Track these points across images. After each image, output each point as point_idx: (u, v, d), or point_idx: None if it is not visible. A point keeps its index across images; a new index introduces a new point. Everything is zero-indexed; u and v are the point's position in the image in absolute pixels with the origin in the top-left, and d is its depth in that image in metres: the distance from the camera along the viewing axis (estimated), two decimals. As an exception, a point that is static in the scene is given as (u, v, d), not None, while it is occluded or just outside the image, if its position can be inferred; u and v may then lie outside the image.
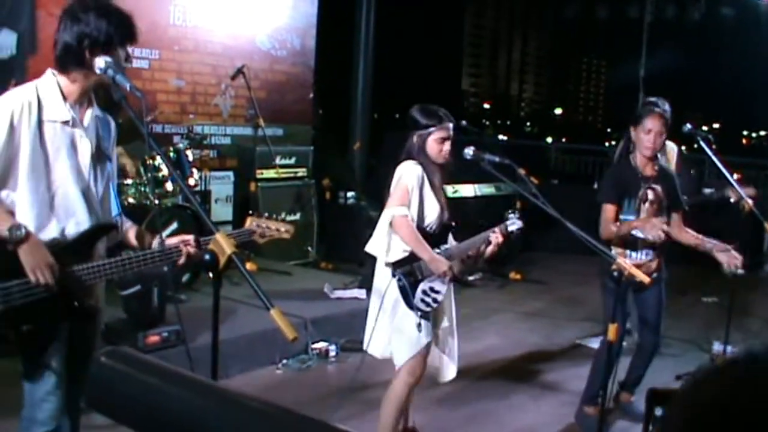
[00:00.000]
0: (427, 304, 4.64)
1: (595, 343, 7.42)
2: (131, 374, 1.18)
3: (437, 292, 4.68)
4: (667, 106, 5.71)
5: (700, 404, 1.05)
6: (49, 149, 3.25)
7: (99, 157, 3.47)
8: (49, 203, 3.29)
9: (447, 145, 4.67)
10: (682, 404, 1.08)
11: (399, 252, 4.61)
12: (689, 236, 5.51)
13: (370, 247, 4.70)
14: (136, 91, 3.12)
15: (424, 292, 4.62)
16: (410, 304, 4.59)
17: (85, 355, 3.41)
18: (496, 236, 4.76)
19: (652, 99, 7.04)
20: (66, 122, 3.31)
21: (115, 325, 5.93)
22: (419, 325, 4.59)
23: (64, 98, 3.31)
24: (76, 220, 3.36)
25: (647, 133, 5.32)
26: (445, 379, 5.02)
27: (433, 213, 4.69)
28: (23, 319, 3.17)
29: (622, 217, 5.31)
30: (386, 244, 4.60)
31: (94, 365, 1.21)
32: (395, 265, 4.61)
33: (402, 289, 4.59)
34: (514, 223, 4.87)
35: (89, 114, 3.43)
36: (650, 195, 5.36)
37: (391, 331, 4.64)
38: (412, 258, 4.61)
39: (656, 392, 1.51)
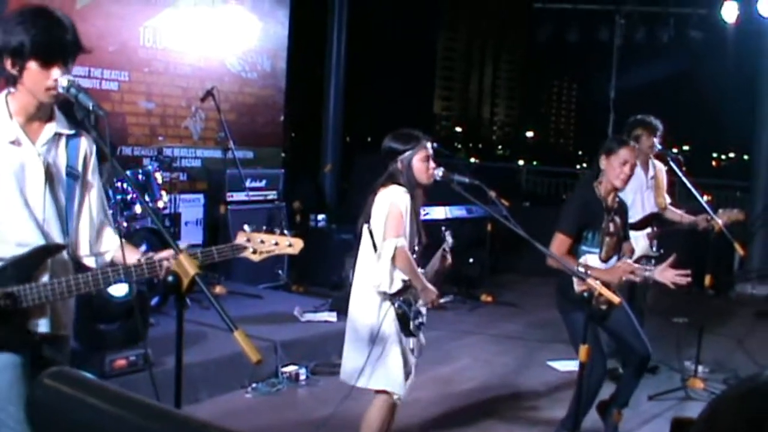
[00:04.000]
0: (418, 327, 4.69)
1: (566, 366, 7.42)
2: (76, 397, 1.14)
3: (423, 314, 4.73)
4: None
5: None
6: None
7: (56, 177, 3.19)
8: None
9: (432, 163, 4.67)
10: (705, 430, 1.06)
11: (399, 282, 4.60)
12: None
13: (375, 282, 4.60)
14: (99, 110, 2.99)
15: (416, 315, 4.66)
16: (407, 329, 4.61)
17: None
18: (446, 253, 4.89)
19: (640, 117, 7.09)
20: (12, 142, 3.08)
21: (79, 348, 5.82)
22: (412, 349, 4.69)
23: (10, 115, 3.10)
24: (26, 249, 3.09)
25: (623, 164, 5.23)
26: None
27: (413, 240, 4.71)
28: None
29: (584, 248, 5.23)
30: (390, 276, 4.57)
31: (38, 387, 1.17)
32: (394, 295, 4.61)
33: (402, 316, 4.59)
34: (447, 240, 4.95)
35: (46, 131, 3.18)
36: (611, 227, 5.33)
37: (382, 362, 4.60)
38: (407, 286, 4.62)
39: (680, 421, 1.49)
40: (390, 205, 4.55)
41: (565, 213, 5.33)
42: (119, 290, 5.82)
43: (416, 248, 4.74)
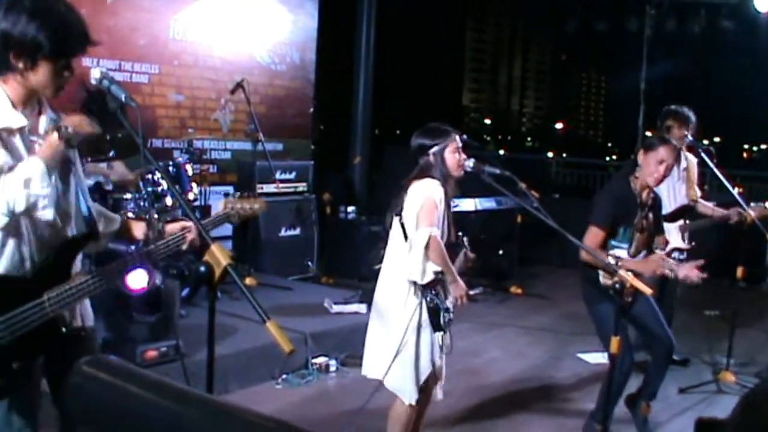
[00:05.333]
0: (447, 322, 4.65)
1: (596, 358, 7.39)
2: (114, 383, 1.14)
3: (451, 311, 4.69)
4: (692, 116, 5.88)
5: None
6: (7, 162, 2.89)
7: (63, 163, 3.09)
8: (14, 224, 2.93)
9: (463, 155, 4.68)
10: (742, 426, 1.05)
11: (431, 274, 4.56)
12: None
13: (407, 272, 4.55)
14: (131, 101, 2.98)
15: (446, 311, 4.63)
16: (437, 323, 4.58)
17: None
18: (467, 252, 4.84)
19: (672, 108, 7.03)
20: (21, 129, 2.96)
21: (110, 338, 5.86)
22: (441, 346, 4.65)
23: (13, 105, 2.95)
24: (53, 235, 3.05)
25: (659, 164, 5.19)
26: (438, 398, 4.95)
27: (445, 233, 4.68)
28: (14, 356, 2.91)
29: (614, 243, 5.18)
30: (422, 266, 4.52)
31: (75, 374, 1.17)
32: (425, 287, 4.57)
33: (434, 310, 4.55)
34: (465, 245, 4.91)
35: (44, 120, 3.08)
36: (644, 223, 5.29)
37: (407, 361, 4.56)
38: (439, 279, 4.59)
39: (704, 422, 1.48)
40: (425, 197, 4.53)
41: (599, 206, 5.28)
42: (144, 281, 5.82)
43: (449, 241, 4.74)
